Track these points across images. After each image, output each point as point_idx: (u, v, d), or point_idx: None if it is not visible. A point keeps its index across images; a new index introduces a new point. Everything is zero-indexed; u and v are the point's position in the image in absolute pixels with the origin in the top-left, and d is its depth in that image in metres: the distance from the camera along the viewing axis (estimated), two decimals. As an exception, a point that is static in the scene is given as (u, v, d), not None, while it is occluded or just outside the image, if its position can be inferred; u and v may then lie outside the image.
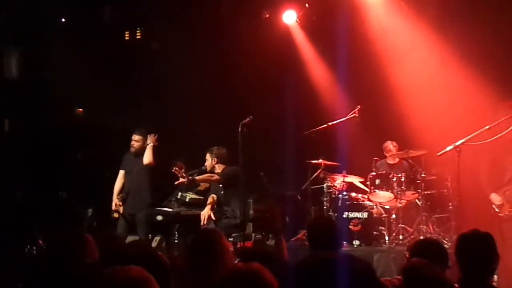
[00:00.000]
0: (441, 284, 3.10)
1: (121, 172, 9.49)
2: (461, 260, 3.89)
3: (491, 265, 3.91)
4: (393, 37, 9.86)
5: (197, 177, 8.95)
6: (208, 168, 9.03)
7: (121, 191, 9.39)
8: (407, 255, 4.34)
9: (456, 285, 3.69)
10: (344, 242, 8.59)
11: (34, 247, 7.92)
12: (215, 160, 8.99)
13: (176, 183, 8.94)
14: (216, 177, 8.92)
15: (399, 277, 3.76)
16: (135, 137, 9.39)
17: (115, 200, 9.30)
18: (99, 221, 10.26)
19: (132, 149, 9.38)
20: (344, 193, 9.28)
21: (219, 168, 9.00)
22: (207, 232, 4.49)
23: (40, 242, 7.91)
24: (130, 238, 8.84)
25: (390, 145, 9.76)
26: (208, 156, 9.05)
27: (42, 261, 3.73)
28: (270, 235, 9.38)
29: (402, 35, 9.81)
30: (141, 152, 9.30)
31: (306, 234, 5.55)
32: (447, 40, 9.32)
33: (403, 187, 8.98)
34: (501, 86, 8.62)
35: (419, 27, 9.66)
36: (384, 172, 9.35)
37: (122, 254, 3.18)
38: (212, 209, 8.91)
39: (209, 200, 9.03)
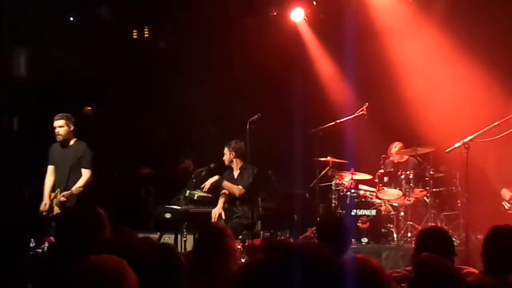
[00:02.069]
0: (452, 278, 3.10)
1: (50, 168, 8.46)
2: (488, 252, 3.87)
3: None
4: (401, 34, 9.85)
5: (224, 184, 8.83)
6: (226, 162, 8.93)
7: (53, 189, 8.36)
8: (414, 245, 4.34)
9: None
10: (353, 240, 8.59)
11: (45, 246, 7.90)
12: (233, 154, 8.87)
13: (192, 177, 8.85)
14: (242, 190, 8.81)
15: (409, 268, 3.77)
16: (58, 122, 8.28)
17: (46, 201, 8.29)
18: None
19: (59, 138, 8.29)
20: (352, 190, 9.27)
21: (237, 163, 8.94)
22: (208, 232, 4.44)
23: (51, 239, 7.87)
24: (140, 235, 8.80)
25: (391, 150, 9.69)
26: (226, 150, 8.94)
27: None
28: (279, 233, 9.40)
29: (410, 32, 9.80)
30: (69, 139, 8.31)
31: (315, 231, 5.56)
32: (456, 36, 9.30)
33: (411, 184, 8.95)
34: (510, 83, 8.61)
35: (427, 23, 9.65)
36: (392, 169, 9.35)
37: (134, 251, 3.19)
38: (224, 205, 8.89)
39: (221, 197, 8.96)
